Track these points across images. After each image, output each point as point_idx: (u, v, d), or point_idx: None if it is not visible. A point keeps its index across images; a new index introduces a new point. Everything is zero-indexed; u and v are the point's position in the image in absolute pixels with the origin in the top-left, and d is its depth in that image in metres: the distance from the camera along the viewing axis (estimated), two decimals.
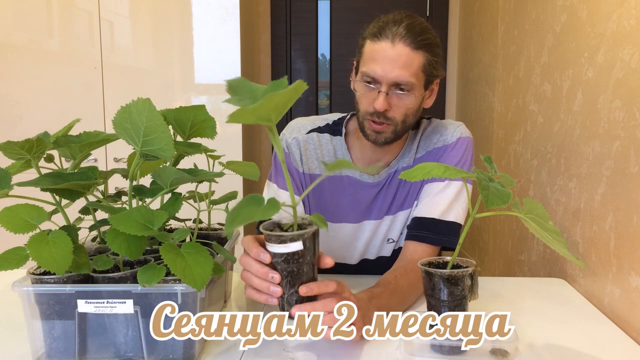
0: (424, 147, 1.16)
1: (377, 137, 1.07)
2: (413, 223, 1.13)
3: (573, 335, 0.90)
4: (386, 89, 1.00)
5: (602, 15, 1.12)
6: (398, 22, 0.99)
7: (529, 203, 0.77)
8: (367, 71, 1.01)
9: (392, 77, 0.99)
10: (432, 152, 1.15)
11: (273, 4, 3.11)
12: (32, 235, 0.71)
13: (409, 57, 0.99)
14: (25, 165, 0.80)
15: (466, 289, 0.78)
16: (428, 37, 1.01)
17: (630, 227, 0.98)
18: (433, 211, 1.10)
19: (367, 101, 1.04)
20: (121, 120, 0.73)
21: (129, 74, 2.30)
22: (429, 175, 0.75)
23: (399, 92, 1.01)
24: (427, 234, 1.09)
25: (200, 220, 0.90)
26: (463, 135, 1.15)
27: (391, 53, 0.98)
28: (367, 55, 1.03)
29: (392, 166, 1.16)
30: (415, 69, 1.00)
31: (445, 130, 1.15)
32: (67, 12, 2.26)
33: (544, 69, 1.52)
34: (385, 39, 0.99)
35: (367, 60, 1.02)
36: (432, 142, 1.15)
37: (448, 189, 1.10)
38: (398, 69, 0.99)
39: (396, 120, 1.04)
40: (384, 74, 0.99)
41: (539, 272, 1.51)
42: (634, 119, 0.97)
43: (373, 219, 1.19)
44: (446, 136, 1.15)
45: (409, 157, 1.16)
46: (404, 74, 0.99)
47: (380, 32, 1.00)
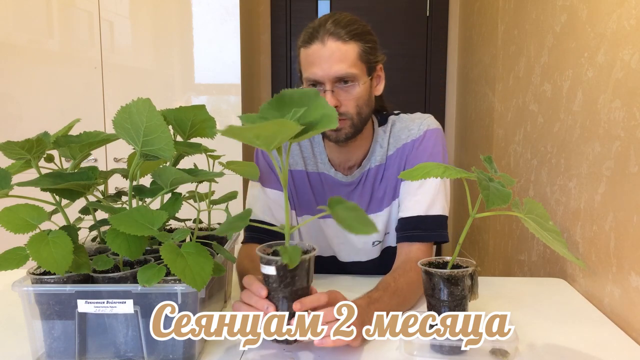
0: (394, 145, 1.16)
1: (337, 135, 1.08)
2: (400, 225, 1.12)
3: (573, 335, 0.90)
4: (330, 86, 1.03)
5: (602, 15, 1.12)
6: (324, 22, 1.03)
7: (529, 203, 0.77)
8: (309, 76, 1.04)
9: (331, 73, 1.02)
10: (401, 148, 1.15)
11: (273, 4, 3.11)
12: (32, 235, 0.71)
13: (342, 50, 1.02)
14: (25, 165, 0.80)
15: (466, 289, 0.78)
16: (356, 27, 1.04)
17: (630, 227, 0.98)
18: (417, 208, 1.10)
19: None
20: (121, 120, 0.73)
21: (129, 74, 2.30)
22: (429, 175, 0.76)
23: (343, 85, 1.04)
24: (417, 232, 1.09)
25: (200, 220, 0.90)
26: (430, 127, 1.14)
27: (324, 52, 1.02)
28: (304, 62, 1.06)
29: (363, 165, 1.16)
30: (352, 60, 1.03)
31: (412, 124, 1.16)
32: (67, 12, 2.26)
33: (544, 69, 1.52)
34: (316, 41, 1.02)
35: (306, 67, 1.05)
36: (401, 138, 1.15)
37: (426, 183, 1.10)
38: (335, 64, 1.01)
39: (350, 113, 1.06)
40: (324, 73, 1.02)
41: (539, 272, 1.51)
42: (634, 119, 0.97)
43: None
44: (413, 131, 1.15)
45: (380, 155, 1.16)
46: (341, 67, 1.02)
47: (310, 37, 1.04)
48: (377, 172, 1.16)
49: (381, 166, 1.16)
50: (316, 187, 1.19)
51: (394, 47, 3.09)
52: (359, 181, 1.17)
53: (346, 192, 1.18)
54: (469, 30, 2.76)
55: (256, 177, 1.02)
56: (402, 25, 3.06)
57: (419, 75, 3.11)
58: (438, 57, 3.10)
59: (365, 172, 1.16)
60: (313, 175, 1.19)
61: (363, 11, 3.10)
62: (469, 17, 2.75)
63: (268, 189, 1.16)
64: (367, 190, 1.17)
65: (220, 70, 2.29)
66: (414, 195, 1.11)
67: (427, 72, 3.11)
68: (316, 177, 1.19)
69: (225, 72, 2.28)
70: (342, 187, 1.18)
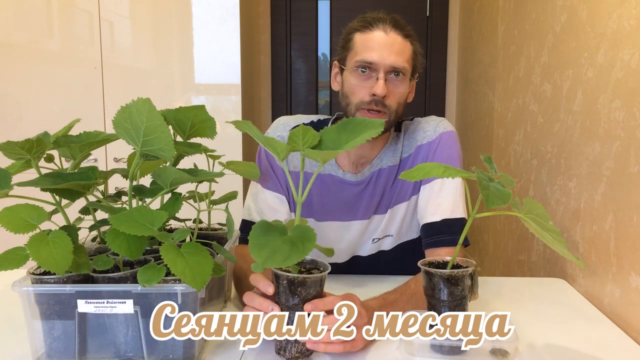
0: (408, 146, 1.16)
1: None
2: (425, 231, 1.11)
3: (573, 335, 0.90)
4: (384, 74, 1.03)
5: (602, 15, 1.12)
6: (383, 18, 1.06)
7: (529, 203, 0.77)
8: (364, 57, 1.03)
9: (389, 62, 1.02)
10: (416, 150, 1.15)
11: (273, 4, 3.11)
12: (32, 235, 0.71)
13: (402, 44, 1.04)
14: (25, 165, 0.80)
15: (466, 289, 0.78)
16: (411, 30, 1.07)
17: (630, 227, 0.98)
18: (441, 212, 1.09)
19: (364, 90, 1.05)
20: (121, 120, 0.73)
21: (129, 74, 2.30)
22: (429, 175, 0.75)
23: (395, 76, 1.04)
24: (444, 237, 1.08)
25: (200, 220, 0.90)
26: (446, 129, 1.14)
27: (386, 40, 1.03)
28: (359, 45, 1.05)
29: (374, 165, 1.15)
30: (407, 56, 1.05)
31: (428, 127, 1.16)
32: (67, 12, 2.26)
33: (544, 69, 1.52)
34: (378, 28, 1.04)
35: (361, 50, 1.05)
36: (416, 140, 1.15)
37: (445, 185, 1.10)
38: (394, 55, 1.03)
39: (392, 108, 1.06)
40: (381, 59, 1.02)
41: (539, 272, 1.51)
42: (634, 119, 0.97)
43: (359, 219, 1.18)
44: (428, 132, 1.15)
45: (393, 157, 1.15)
46: (399, 59, 1.03)
47: (371, 24, 1.05)
48: (390, 173, 1.15)
49: (394, 167, 1.15)
50: (319, 190, 1.18)
51: None
52: (369, 180, 1.16)
53: (356, 191, 1.16)
54: (469, 30, 2.76)
55: (256, 177, 1.02)
56: None
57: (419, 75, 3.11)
58: (438, 57, 3.10)
59: (376, 171, 1.15)
60: (319, 177, 1.18)
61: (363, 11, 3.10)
62: (469, 17, 2.75)
63: (267, 190, 1.16)
64: (379, 190, 1.16)
65: (220, 70, 2.28)
66: (435, 198, 1.10)
67: (427, 72, 3.11)
68: (320, 179, 1.18)
69: (225, 72, 2.28)
70: (351, 187, 1.16)
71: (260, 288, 0.78)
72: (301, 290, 0.75)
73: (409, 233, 1.21)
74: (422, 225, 1.12)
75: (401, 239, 1.21)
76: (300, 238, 0.70)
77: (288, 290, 0.76)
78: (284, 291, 0.76)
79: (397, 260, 1.22)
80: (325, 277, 0.79)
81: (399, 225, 1.18)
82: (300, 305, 0.76)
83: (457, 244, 1.07)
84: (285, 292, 0.76)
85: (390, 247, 1.22)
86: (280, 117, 1.23)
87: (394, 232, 1.19)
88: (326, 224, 1.19)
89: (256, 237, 0.70)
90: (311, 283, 0.76)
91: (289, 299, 0.76)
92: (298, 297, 0.76)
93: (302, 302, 0.76)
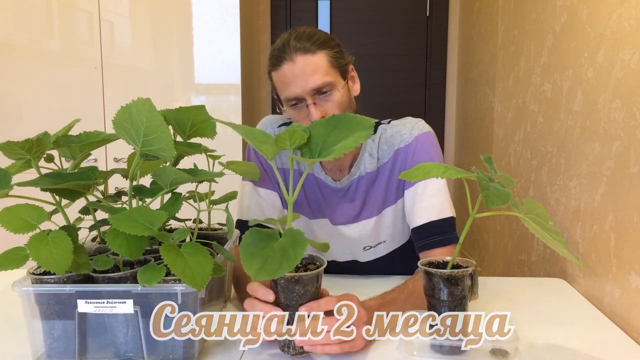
0: (387, 151, 1.14)
1: None
2: (416, 234, 1.10)
3: (573, 335, 0.90)
4: (311, 99, 1.03)
5: (602, 15, 1.12)
6: (286, 41, 1.04)
7: (529, 203, 0.77)
8: (288, 95, 1.04)
9: (308, 87, 1.02)
10: (394, 155, 1.13)
11: (273, 4, 3.11)
12: (32, 235, 0.71)
13: (312, 62, 1.02)
14: (25, 165, 0.80)
15: (466, 289, 0.78)
16: (318, 37, 1.05)
17: (630, 227, 0.98)
18: (430, 214, 1.08)
19: (305, 120, 1.05)
20: (121, 120, 0.73)
21: (129, 74, 2.30)
22: (429, 175, 0.75)
23: (323, 95, 1.04)
24: (436, 237, 1.07)
25: (200, 220, 0.90)
26: (422, 131, 1.12)
27: (295, 68, 1.02)
28: (278, 84, 1.06)
29: (352, 173, 1.14)
30: (324, 69, 1.03)
31: (404, 130, 1.14)
32: (67, 12, 2.26)
33: (544, 69, 1.52)
34: (285, 61, 1.03)
35: (282, 88, 1.05)
36: (394, 144, 1.14)
37: (429, 186, 1.09)
38: (309, 77, 1.02)
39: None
40: (301, 88, 1.02)
41: (539, 272, 1.51)
42: (634, 119, 0.97)
43: (342, 224, 1.18)
44: (405, 136, 1.13)
45: (370, 163, 1.14)
46: (316, 78, 1.02)
47: (278, 59, 1.04)
48: (369, 179, 1.14)
49: (373, 173, 1.14)
50: (309, 188, 1.18)
51: (394, 47, 3.09)
52: (348, 188, 1.15)
53: (337, 197, 1.17)
54: (469, 30, 2.76)
55: (256, 177, 1.02)
56: (402, 25, 3.06)
57: (419, 75, 3.11)
58: (438, 57, 3.10)
59: (355, 180, 1.14)
60: (307, 176, 1.18)
61: (363, 11, 3.10)
62: (469, 17, 2.75)
63: (261, 189, 1.16)
64: (360, 197, 1.15)
65: (220, 70, 2.28)
66: (420, 201, 1.09)
67: (427, 72, 3.11)
68: (310, 178, 1.18)
69: (225, 72, 2.28)
70: (334, 192, 1.17)
71: (259, 297, 0.79)
72: (299, 288, 0.76)
73: (403, 237, 1.20)
74: (412, 229, 1.12)
75: (395, 244, 1.21)
76: (291, 244, 0.70)
77: (286, 289, 0.76)
78: (282, 290, 0.77)
79: (396, 264, 1.22)
80: (322, 272, 0.79)
81: (391, 230, 1.18)
82: (299, 302, 0.76)
83: (450, 243, 1.08)
84: (284, 291, 0.77)
85: (386, 253, 1.21)
86: (268, 116, 1.24)
87: (386, 237, 1.19)
88: (317, 222, 1.20)
89: (247, 246, 0.71)
90: (308, 280, 0.76)
91: (287, 297, 0.76)
92: (297, 295, 0.76)
93: (300, 299, 0.76)
